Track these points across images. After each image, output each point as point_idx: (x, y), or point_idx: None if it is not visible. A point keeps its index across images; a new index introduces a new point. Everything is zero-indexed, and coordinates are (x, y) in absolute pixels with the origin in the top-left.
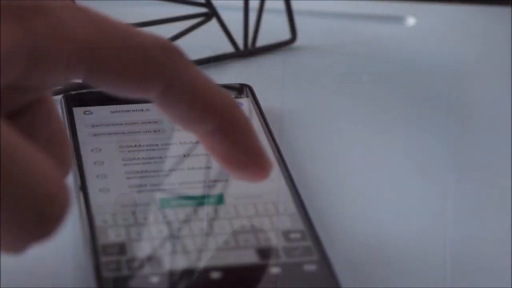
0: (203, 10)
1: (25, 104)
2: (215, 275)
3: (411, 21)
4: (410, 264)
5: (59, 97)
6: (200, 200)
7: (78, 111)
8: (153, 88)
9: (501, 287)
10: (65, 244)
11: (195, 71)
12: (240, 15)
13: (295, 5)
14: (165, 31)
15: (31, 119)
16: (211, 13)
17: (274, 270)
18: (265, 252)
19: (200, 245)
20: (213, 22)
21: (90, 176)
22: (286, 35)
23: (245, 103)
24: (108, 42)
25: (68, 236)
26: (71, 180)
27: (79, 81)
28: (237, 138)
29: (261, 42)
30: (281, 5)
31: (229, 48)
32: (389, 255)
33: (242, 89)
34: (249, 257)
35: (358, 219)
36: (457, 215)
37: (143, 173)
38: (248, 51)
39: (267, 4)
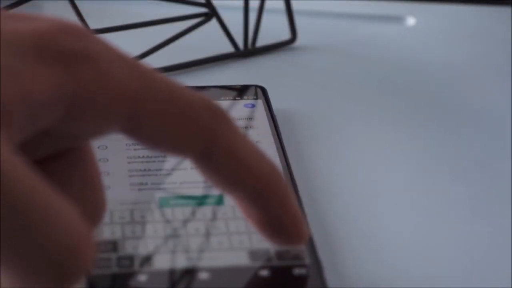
0: (203, 10)
1: (60, 149)
2: (204, 275)
3: (411, 21)
4: (409, 264)
5: None
6: (200, 200)
7: None
8: (192, 149)
9: (501, 287)
10: None
11: (238, 134)
12: (240, 15)
13: (295, 5)
14: (165, 31)
15: (64, 165)
16: (211, 13)
17: (263, 273)
18: (256, 255)
19: (192, 246)
20: (213, 22)
21: None
22: (286, 35)
23: (257, 105)
24: (152, 95)
25: None
26: None
27: (117, 132)
28: (274, 206)
29: (261, 42)
30: (281, 5)
31: (229, 48)
32: (388, 256)
33: (255, 90)
34: (240, 259)
35: (358, 219)
36: (457, 215)
37: (145, 172)
38: (248, 51)
39: (267, 4)
